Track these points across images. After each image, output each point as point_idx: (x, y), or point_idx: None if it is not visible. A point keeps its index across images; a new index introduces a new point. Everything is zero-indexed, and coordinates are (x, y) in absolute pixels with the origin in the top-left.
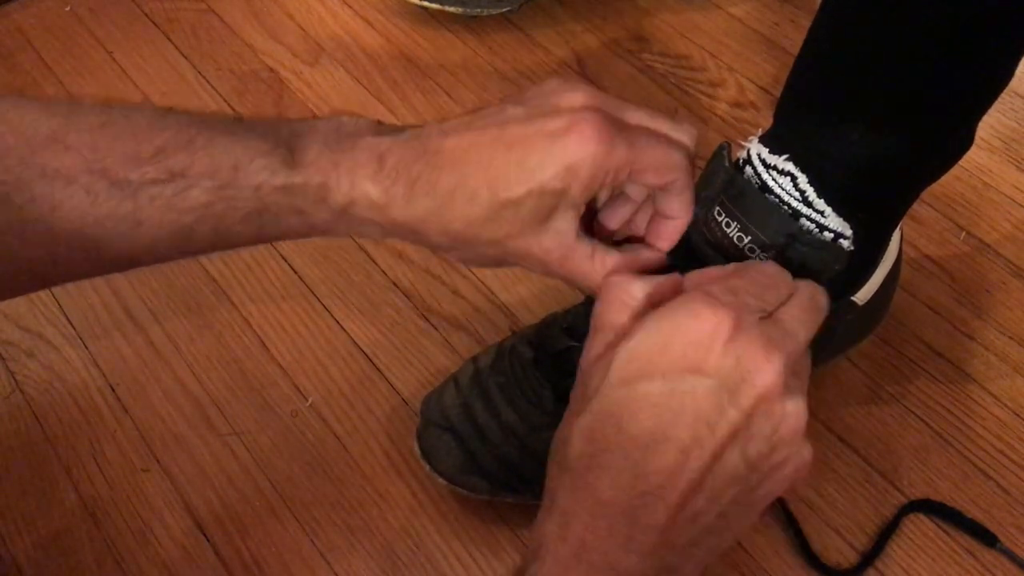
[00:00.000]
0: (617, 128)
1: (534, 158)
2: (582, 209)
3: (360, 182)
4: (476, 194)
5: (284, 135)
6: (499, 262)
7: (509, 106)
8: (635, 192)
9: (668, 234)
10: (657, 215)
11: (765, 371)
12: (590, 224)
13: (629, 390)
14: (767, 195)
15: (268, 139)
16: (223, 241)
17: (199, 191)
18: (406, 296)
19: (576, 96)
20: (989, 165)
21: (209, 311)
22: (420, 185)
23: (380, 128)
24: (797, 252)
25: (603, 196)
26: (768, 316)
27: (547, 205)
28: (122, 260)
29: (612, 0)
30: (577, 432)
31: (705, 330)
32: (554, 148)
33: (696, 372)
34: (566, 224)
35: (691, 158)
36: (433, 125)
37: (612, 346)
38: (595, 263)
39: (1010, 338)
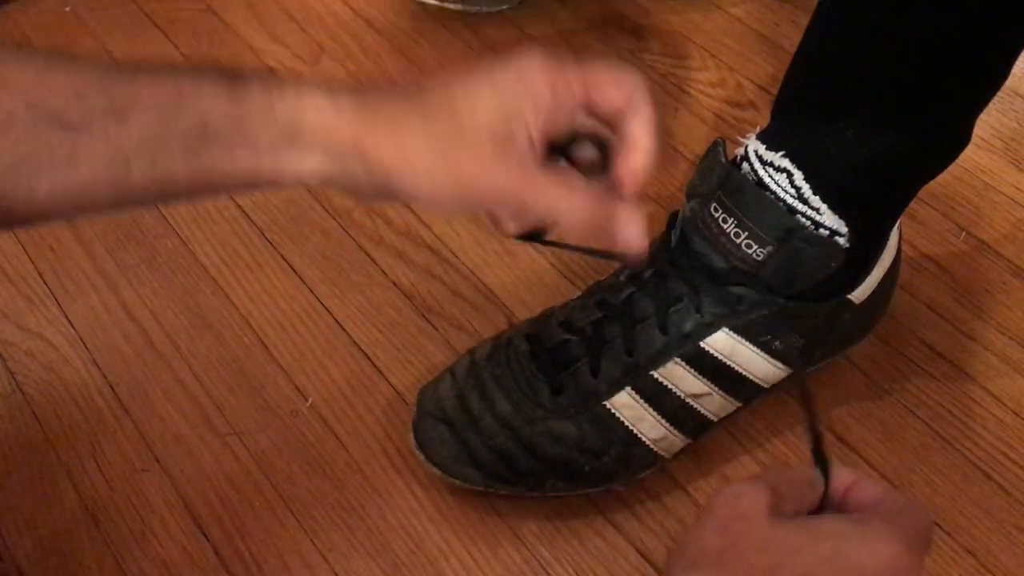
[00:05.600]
0: (563, 56)
1: (486, 87)
2: (543, 132)
3: (309, 93)
4: (439, 122)
5: (234, 72)
6: (461, 198)
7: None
8: (593, 130)
9: (633, 168)
10: (624, 153)
11: None
12: None
13: None
14: (764, 191)
15: (216, 72)
16: (163, 176)
17: (141, 120)
18: (406, 296)
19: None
20: (989, 165)
21: (209, 311)
22: (372, 111)
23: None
24: (794, 248)
25: (563, 124)
26: None
27: (509, 127)
28: (58, 201)
29: (612, 0)
30: None
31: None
32: (508, 71)
33: None
34: (525, 144)
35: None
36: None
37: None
38: (561, 184)
39: (1010, 338)
